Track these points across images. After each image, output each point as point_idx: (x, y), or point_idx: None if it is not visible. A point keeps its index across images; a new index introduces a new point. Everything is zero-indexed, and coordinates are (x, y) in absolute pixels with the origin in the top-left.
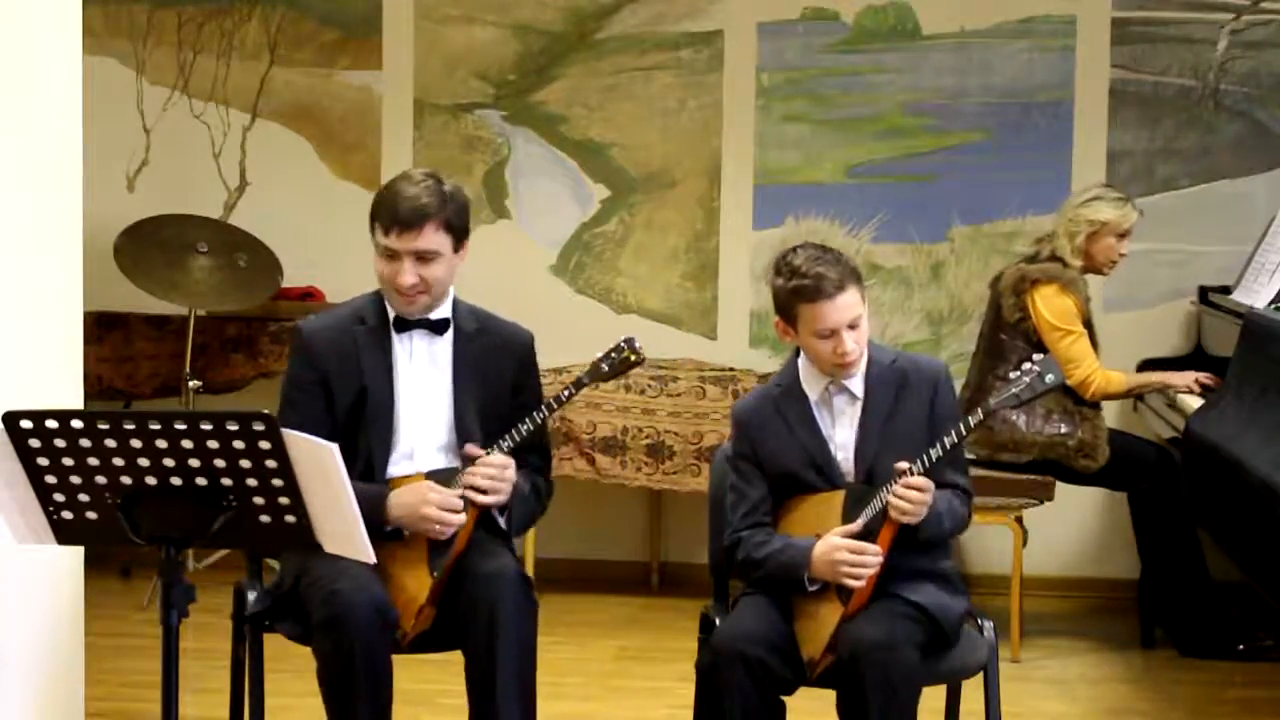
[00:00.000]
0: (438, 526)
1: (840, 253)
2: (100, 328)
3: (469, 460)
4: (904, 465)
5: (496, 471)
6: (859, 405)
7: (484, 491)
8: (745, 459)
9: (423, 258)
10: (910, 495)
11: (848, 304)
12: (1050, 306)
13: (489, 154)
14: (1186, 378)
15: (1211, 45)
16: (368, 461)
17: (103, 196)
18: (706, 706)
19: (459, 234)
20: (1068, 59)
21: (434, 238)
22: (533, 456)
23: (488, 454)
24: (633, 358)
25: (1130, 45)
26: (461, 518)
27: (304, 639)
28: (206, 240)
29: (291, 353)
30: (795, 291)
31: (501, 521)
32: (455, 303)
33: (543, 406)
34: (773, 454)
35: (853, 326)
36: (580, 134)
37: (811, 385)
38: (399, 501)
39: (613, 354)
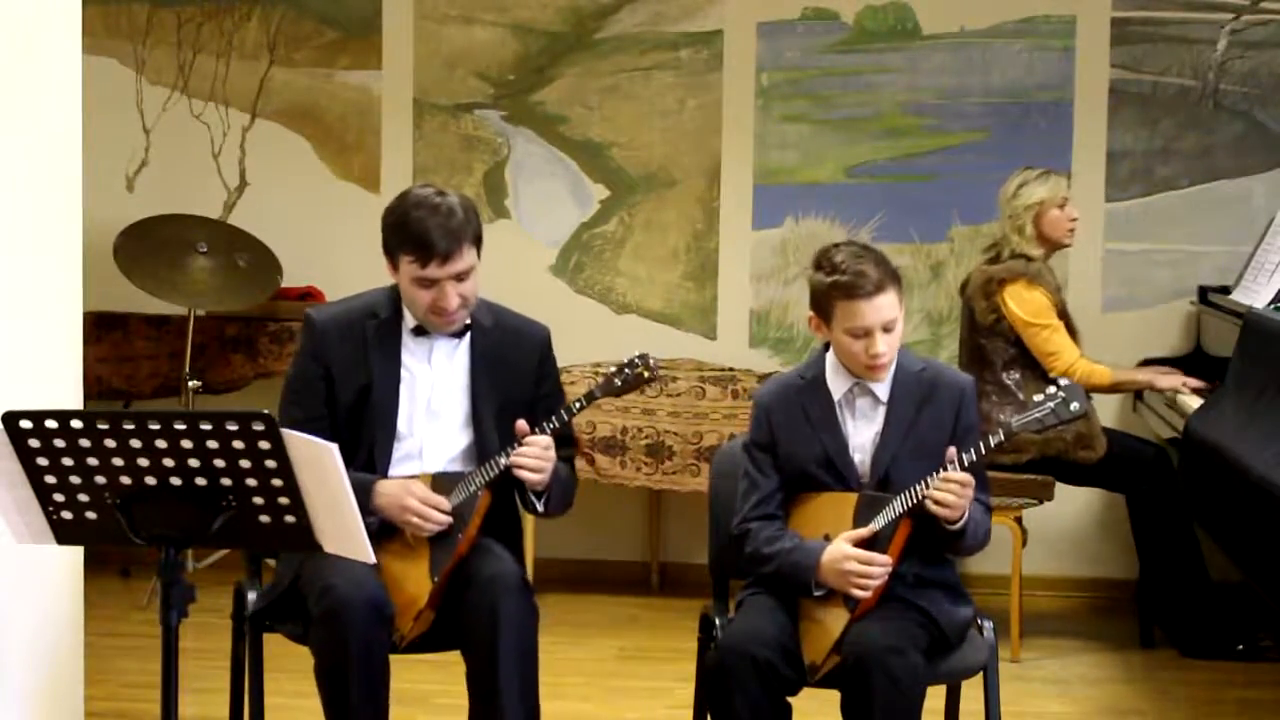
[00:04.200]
0: (416, 521)
1: (883, 254)
2: (100, 328)
3: (518, 437)
4: (953, 452)
5: (540, 451)
6: (881, 410)
7: (530, 470)
8: (762, 448)
9: (460, 278)
10: (951, 489)
11: (885, 305)
12: (1021, 302)
13: (489, 154)
14: (1174, 380)
15: (1211, 45)
16: (369, 459)
17: (103, 196)
18: (708, 707)
19: (480, 244)
20: (1068, 59)
21: (468, 256)
22: (563, 450)
23: (535, 433)
24: (646, 373)
25: (1130, 45)
26: (444, 520)
27: (304, 639)
28: (206, 240)
29: (301, 341)
30: (834, 286)
31: (540, 505)
32: None
33: (553, 417)
34: (791, 446)
35: (887, 329)
36: (580, 134)
37: (837, 384)
38: (384, 492)
39: (626, 369)
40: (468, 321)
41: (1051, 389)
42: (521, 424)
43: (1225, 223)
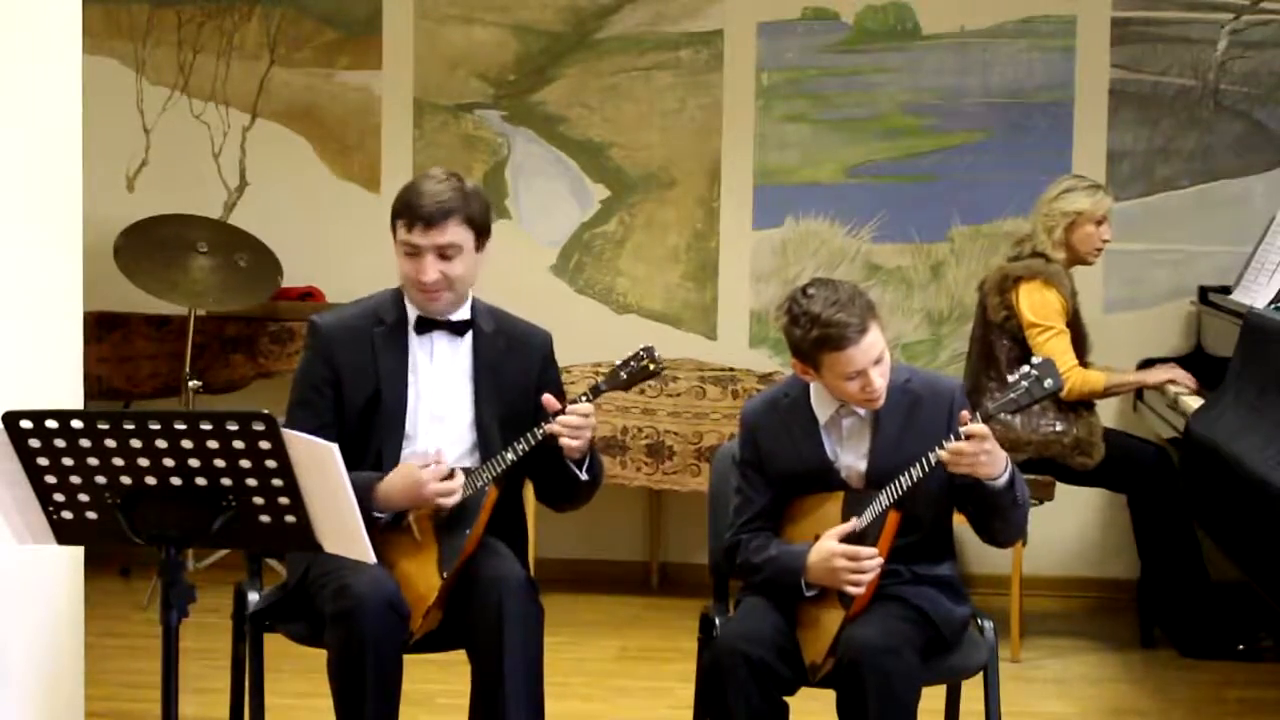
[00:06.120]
0: (439, 488)
1: (852, 287)
2: (100, 328)
3: (549, 410)
4: (966, 415)
5: (582, 420)
6: (868, 428)
7: (572, 437)
8: (751, 466)
9: (444, 254)
10: (964, 447)
11: (872, 344)
12: (1031, 302)
13: (489, 154)
14: (1163, 374)
15: (1211, 45)
16: (378, 463)
17: (103, 196)
18: (707, 706)
19: (480, 230)
20: (1068, 59)
21: (456, 232)
22: None
23: (574, 402)
24: (651, 366)
25: (1130, 45)
26: (456, 482)
27: (306, 639)
28: (206, 240)
29: (306, 349)
30: (819, 342)
31: (582, 473)
32: (473, 302)
33: (552, 416)
34: (778, 463)
35: (878, 362)
36: (580, 134)
37: (822, 408)
38: (391, 487)
39: (632, 362)
40: (468, 318)
41: (1025, 368)
42: (549, 398)
43: (1225, 223)
